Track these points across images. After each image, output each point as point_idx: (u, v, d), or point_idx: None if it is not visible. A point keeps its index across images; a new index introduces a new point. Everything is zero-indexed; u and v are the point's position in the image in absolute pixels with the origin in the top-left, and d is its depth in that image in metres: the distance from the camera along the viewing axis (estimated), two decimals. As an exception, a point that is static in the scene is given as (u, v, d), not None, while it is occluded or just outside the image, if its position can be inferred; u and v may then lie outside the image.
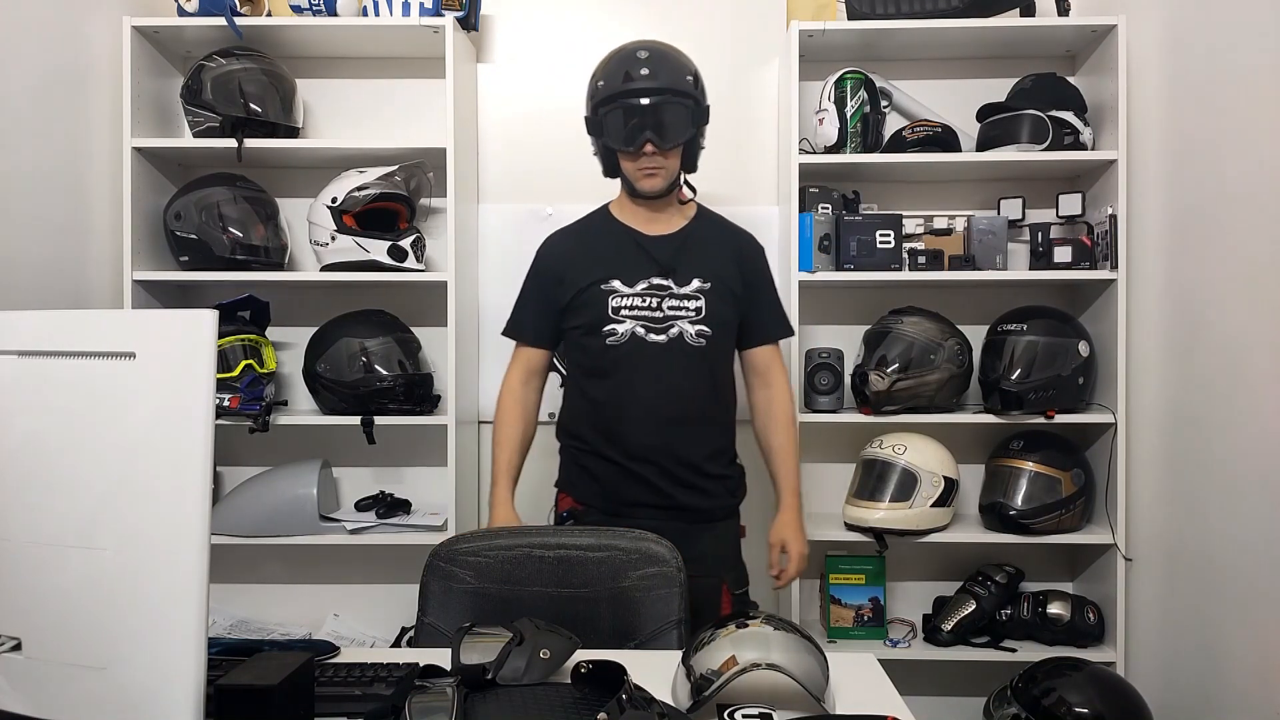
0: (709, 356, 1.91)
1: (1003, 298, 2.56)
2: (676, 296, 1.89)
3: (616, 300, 1.89)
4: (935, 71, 2.66)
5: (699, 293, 1.90)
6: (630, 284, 1.90)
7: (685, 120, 1.86)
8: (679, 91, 1.84)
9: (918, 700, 1.67)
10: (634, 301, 1.89)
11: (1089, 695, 2.05)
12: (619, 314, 1.89)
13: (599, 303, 1.89)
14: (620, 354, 1.88)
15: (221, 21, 2.41)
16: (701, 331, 1.89)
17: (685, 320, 1.89)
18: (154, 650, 1.00)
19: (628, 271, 1.90)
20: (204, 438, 0.99)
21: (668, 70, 1.84)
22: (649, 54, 1.85)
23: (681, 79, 1.85)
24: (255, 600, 2.69)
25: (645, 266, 1.91)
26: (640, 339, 1.88)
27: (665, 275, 1.90)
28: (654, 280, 1.90)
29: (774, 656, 1.18)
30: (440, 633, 1.55)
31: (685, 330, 1.89)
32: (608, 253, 1.93)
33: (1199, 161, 2.07)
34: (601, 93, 1.87)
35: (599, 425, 1.92)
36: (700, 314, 1.89)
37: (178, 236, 2.43)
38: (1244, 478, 1.90)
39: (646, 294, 1.89)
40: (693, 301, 1.89)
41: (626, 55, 1.86)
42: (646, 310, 1.89)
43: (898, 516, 2.37)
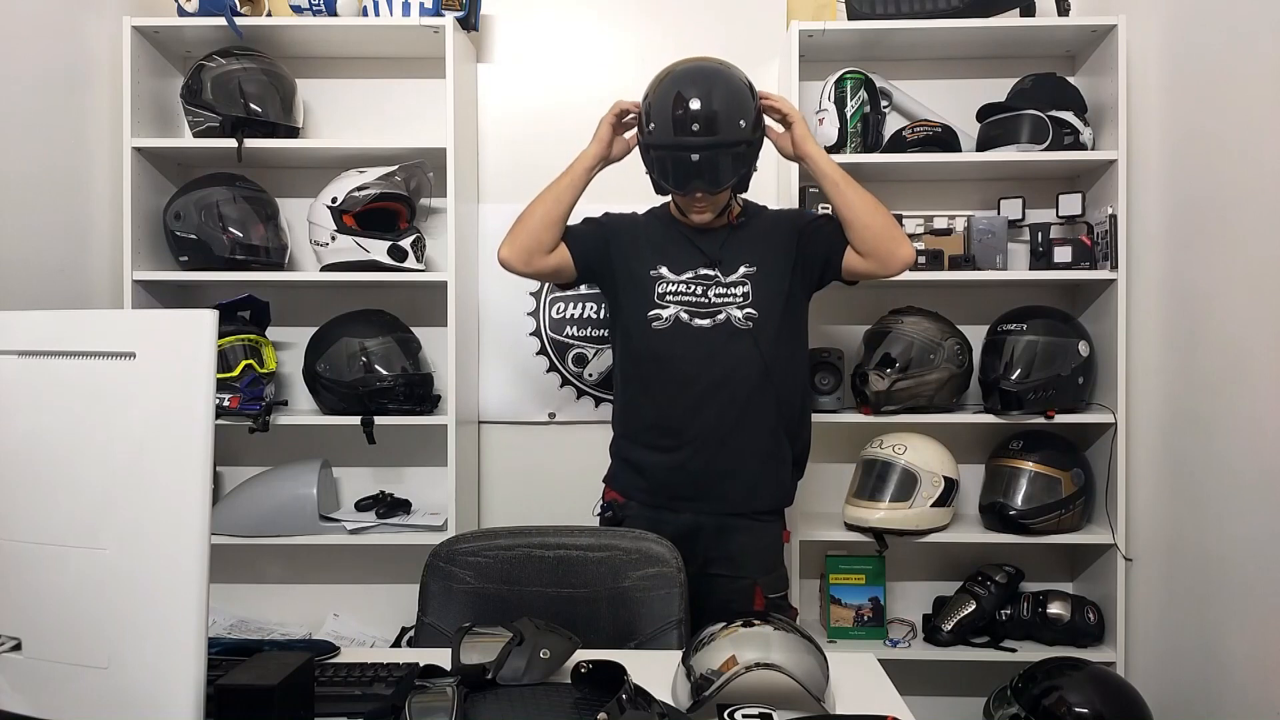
0: (757, 337, 1.89)
1: (1003, 298, 2.56)
2: (723, 284, 1.91)
3: (663, 286, 1.91)
4: (935, 71, 2.66)
5: (745, 278, 1.91)
6: (678, 271, 1.92)
7: (737, 165, 1.86)
8: (730, 143, 1.82)
9: (918, 700, 1.67)
10: (680, 288, 1.91)
11: (1089, 695, 2.05)
12: (664, 299, 1.91)
13: (645, 287, 1.92)
14: (665, 337, 1.90)
15: (221, 21, 2.41)
16: (749, 315, 1.89)
17: (732, 306, 1.89)
18: (154, 650, 1.00)
19: (675, 261, 1.93)
20: (204, 438, 0.99)
21: (722, 119, 1.82)
22: (702, 104, 1.80)
23: (735, 126, 1.82)
24: (255, 600, 2.69)
25: (693, 257, 1.93)
26: (685, 323, 1.89)
27: (712, 266, 1.92)
28: (701, 270, 1.92)
29: (774, 656, 1.19)
30: (440, 633, 1.55)
31: (733, 315, 1.89)
32: (658, 241, 1.97)
33: (1199, 161, 2.07)
34: (652, 137, 1.85)
35: (645, 412, 1.94)
36: (748, 299, 1.90)
37: (177, 236, 2.43)
38: (1244, 477, 1.90)
39: (693, 282, 1.92)
40: (739, 288, 1.91)
41: (679, 97, 1.81)
42: (692, 296, 1.91)
43: (898, 516, 2.37)
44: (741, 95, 1.86)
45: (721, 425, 1.88)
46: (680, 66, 1.89)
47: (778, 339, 1.91)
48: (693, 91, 1.82)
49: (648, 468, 1.92)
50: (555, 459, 2.71)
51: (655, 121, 1.85)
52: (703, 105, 1.81)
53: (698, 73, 1.86)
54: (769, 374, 1.89)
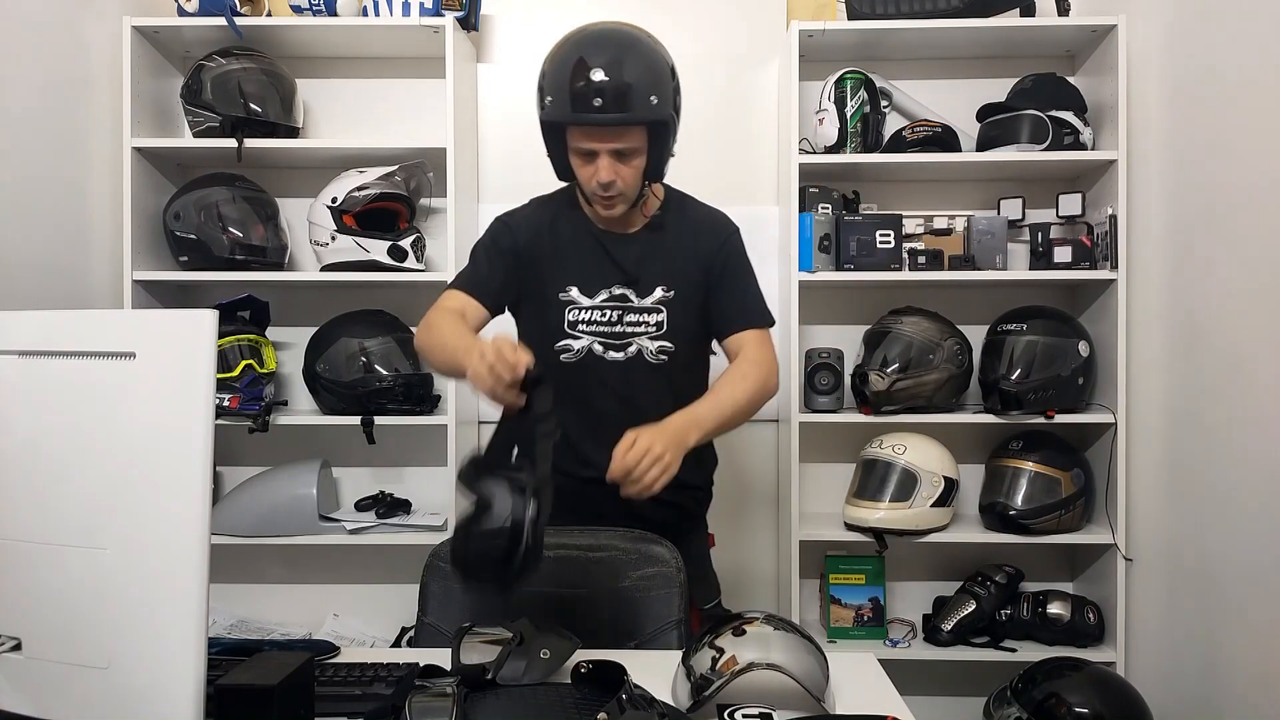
0: (670, 373, 1.74)
1: (1003, 298, 2.56)
2: (636, 310, 1.72)
3: (574, 313, 1.72)
4: (935, 71, 2.66)
5: (660, 304, 1.72)
6: (590, 294, 1.72)
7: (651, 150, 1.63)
8: (640, 121, 1.58)
9: (918, 700, 1.67)
10: (592, 315, 1.72)
11: (1089, 695, 2.05)
12: (575, 329, 1.72)
13: (554, 312, 1.72)
14: (576, 371, 1.72)
15: (221, 21, 2.41)
16: (663, 348, 1.73)
17: (645, 337, 1.72)
18: (154, 650, 1.00)
19: (588, 279, 1.72)
20: (204, 438, 0.99)
21: (632, 93, 1.55)
22: (608, 74, 1.54)
23: (646, 103, 1.57)
24: (255, 600, 2.69)
25: (608, 273, 1.72)
26: (597, 356, 1.72)
27: (628, 284, 1.72)
28: (615, 290, 1.72)
29: (774, 656, 1.19)
30: (440, 633, 1.55)
31: (645, 347, 1.72)
32: (570, 252, 1.74)
33: (1199, 161, 2.07)
34: (548, 113, 1.61)
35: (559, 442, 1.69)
36: (661, 329, 1.72)
37: (177, 236, 2.43)
38: (1244, 477, 1.90)
39: (606, 306, 1.72)
40: (653, 315, 1.72)
41: (578, 66, 1.56)
42: (605, 325, 1.72)
43: (898, 516, 2.37)
44: (656, 65, 1.60)
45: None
46: (584, 30, 1.62)
47: (688, 368, 1.77)
48: (597, 59, 1.55)
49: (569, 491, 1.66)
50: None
51: (552, 95, 1.58)
52: (609, 76, 1.54)
53: (603, 37, 1.60)
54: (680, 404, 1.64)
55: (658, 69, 1.60)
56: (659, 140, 1.63)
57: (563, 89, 1.57)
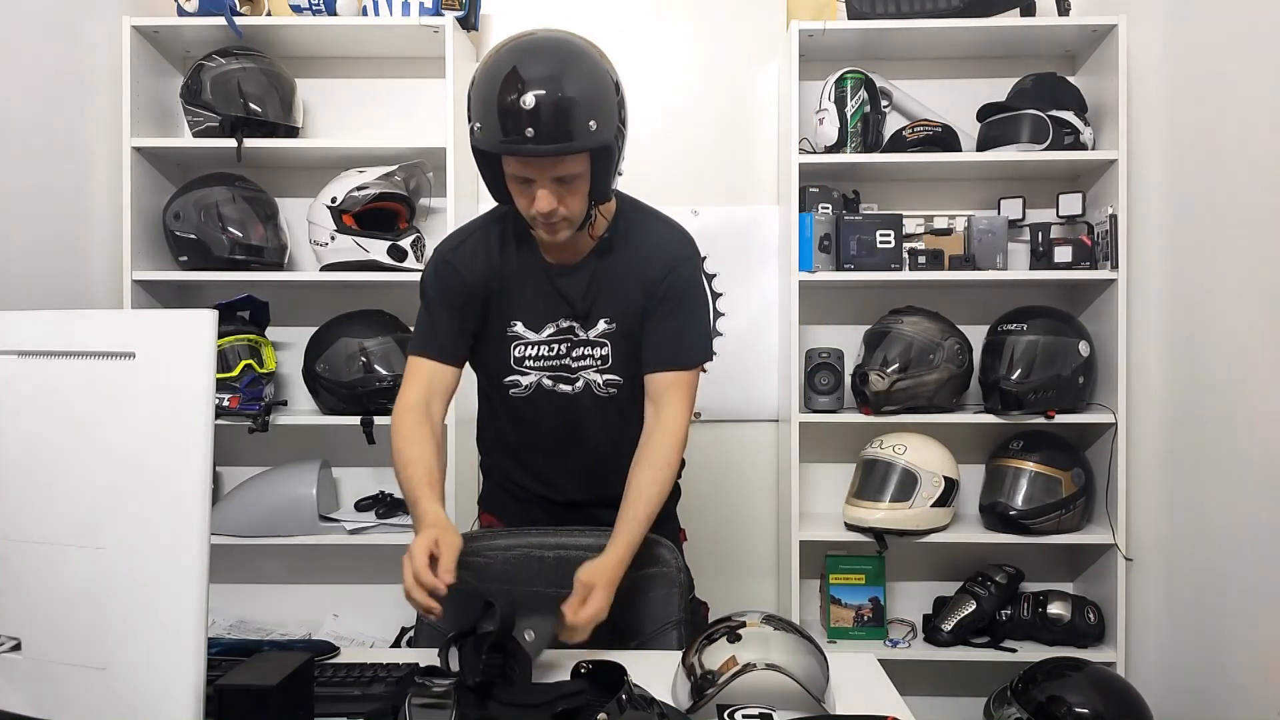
0: (620, 405, 1.66)
1: (1003, 298, 2.56)
2: (583, 344, 1.64)
3: (520, 349, 1.64)
4: (935, 71, 2.66)
5: (605, 337, 1.63)
6: (536, 328, 1.63)
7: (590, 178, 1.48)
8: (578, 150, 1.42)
9: (918, 700, 1.67)
10: (540, 351, 1.64)
11: (1089, 695, 2.04)
12: (523, 365, 1.64)
13: (501, 350, 1.64)
14: (526, 405, 1.66)
15: (221, 21, 2.41)
16: (610, 381, 1.65)
17: (593, 369, 1.64)
18: (154, 650, 1.00)
19: (534, 313, 1.63)
20: (204, 438, 0.99)
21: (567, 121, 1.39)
22: (537, 100, 1.37)
23: (583, 129, 1.40)
24: (255, 600, 2.69)
25: (554, 305, 1.63)
26: (547, 390, 1.65)
27: (573, 316, 1.63)
28: (561, 323, 1.63)
29: (774, 656, 1.19)
30: (440, 633, 1.54)
31: (593, 381, 1.64)
32: (515, 285, 1.64)
33: (1199, 161, 2.07)
34: (477, 139, 1.45)
35: (519, 464, 1.73)
36: (606, 362, 1.64)
37: (177, 236, 2.43)
38: (1244, 477, 1.90)
39: (553, 340, 1.64)
40: (599, 349, 1.64)
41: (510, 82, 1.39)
42: (553, 359, 1.64)
43: (898, 516, 2.37)
44: (595, 84, 1.44)
45: (600, 485, 1.67)
46: (517, 42, 1.46)
47: (637, 400, 1.65)
48: (529, 74, 1.38)
49: (531, 503, 1.75)
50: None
51: (480, 120, 1.42)
52: (541, 98, 1.37)
53: (537, 50, 1.44)
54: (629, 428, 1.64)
55: (597, 87, 1.44)
56: (601, 163, 1.47)
57: (490, 114, 1.40)
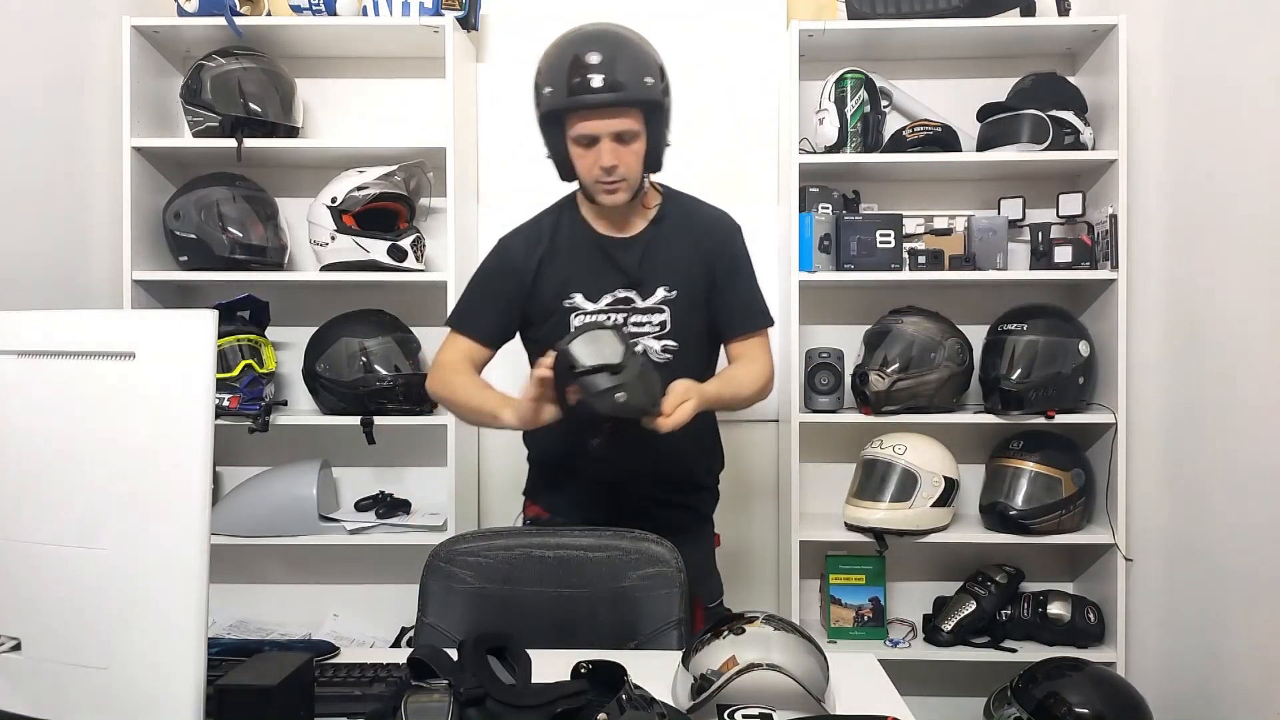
0: (676, 371, 1.71)
1: (1003, 297, 2.56)
2: (640, 311, 1.76)
3: (578, 319, 1.75)
4: (935, 71, 2.66)
5: (663, 304, 1.76)
6: (594, 298, 1.76)
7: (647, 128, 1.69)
8: (639, 101, 1.65)
9: (918, 700, 1.67)
10: (597, 319, 1.75)
11: (1089, 695, 2.05)
12: None
13: (559, 322, 1.75)
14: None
15: (221, 21, 2.41)
16: (667, 347, 1.76)
17: (649, 337, 1.76)
18: (154, 650, 1.00)
19: (592, 284, 1.76)
20: (204, 438, 0.99)
21: (624, 73, 1.63)
22: (601, 56, 1.63)
23: (640, 82, 1.64)
24: (255, 600, 2.69)
25: (611, 277, 1.77)
26: None
27: (630, 287, 1.76)
28: (619, 293, 1.76)
29: (774, 656, 1.18)
30: (440, 633, 1.55)
31: (650, 347, 1.75)
32: (572, 260, 1.78)
33: (1199, 161, 2.07)
34: (549, 102, 1.66)
35: (572, 445, 1.75)
36: (665, 328, 1.76)
37: (177, 236, 2.43)
38: (1244, 477, 1.90)
39: (610, 310, 1.76)
40: (656, 315, 1.76)
41: (575, 56, 1.64)
42: None
43: (898, 516, 2.37)
44: (645, 51, 1.69)
45: (648, 459, 1.73)
46: (577, 29, 1.72)
47: (694, 366, 1.77)
48: (590, 48, 1.64)
49: (580, 491, 1.82)
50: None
51: (550, 85, 1.65)
52: (603, 60, 1.63)
53: (593, 32, 1.69)
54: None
55: (648, 53, 1.69)
56: (655, 124, 1.70)
57: (560, 79, 1.64)
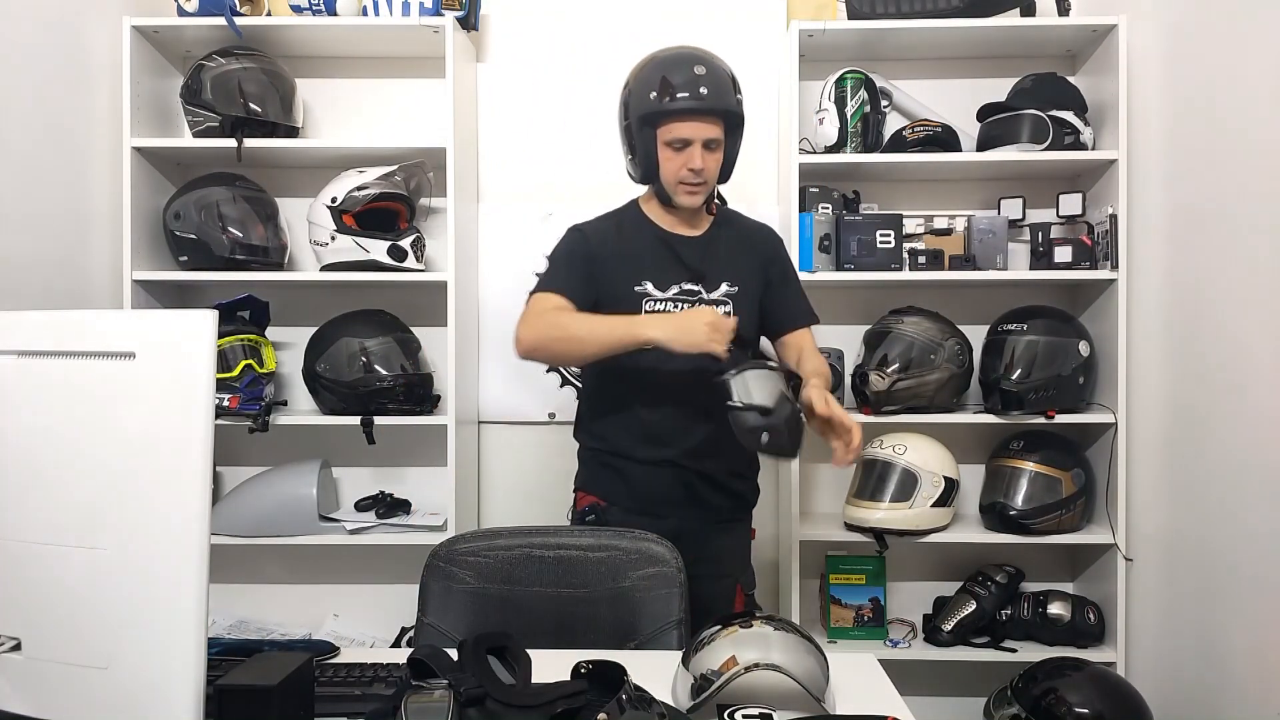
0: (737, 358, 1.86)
1: (1003, 298, 2.56)
2: (705, 302, 1.88)
3: (650, 305, 1.86)
4: (935, 71, 2.66)
5: (727, 297, 1.89)
6: (663, 289, 1.87)
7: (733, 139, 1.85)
8: (731, 112, 1.82)
9: (918, 700, 1.67)
10: (666, 306, 1.86)
11: (1089, 695, 2.05)
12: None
13: (632, 306, 1.86)
14: (653, 356, 1.80)
15: (221, 21, 2.41)
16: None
17: None
18: (154, 650, 1.00)
19: (660, 275, 1.88)
20: (204, 438, 0.99)
21: (723, 89, 1.80)
22: (705, 70, 1.79)
23: (733, 98, 1.82)
24: (255, 600, 2.69)
25: (676, 271, 1.88)
26: None
27: (695, 280, 1.88)
28: (685, 285, 1.88)
29: (774, 656, 1.18)
30: (440, 633, 1.55)
31: None
32: (641, 252, 1.90)
33: (1199, 161, 2.07)
34: (653, 105, 1.80)
35: (630, 427, 1.89)
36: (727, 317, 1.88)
37: (177, 236, 2.43)
38: (1244, 477, 1.90)
39: (678, 299, 1.87)
40: (721, 307, 1.88)
41: (681, 67, 1.80)
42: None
43: (898, 516, 2.37)
44: (731, 72, 1.85)
45: (708, 440, 1.87)
46: (670, 48, 1.87)
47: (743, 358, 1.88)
48: (693, 59, 1.81)
49: (635, 476, 1.90)
50: (555, 459, 2.70)
51: (656, 90, 1.79)
52: (707, 71, 1.79)
53: (690, 51, 1.85)
54: None
55: (734, 77, 1.85)
56: (734, 137, 1.86)
57: (667, 84, 1.79)
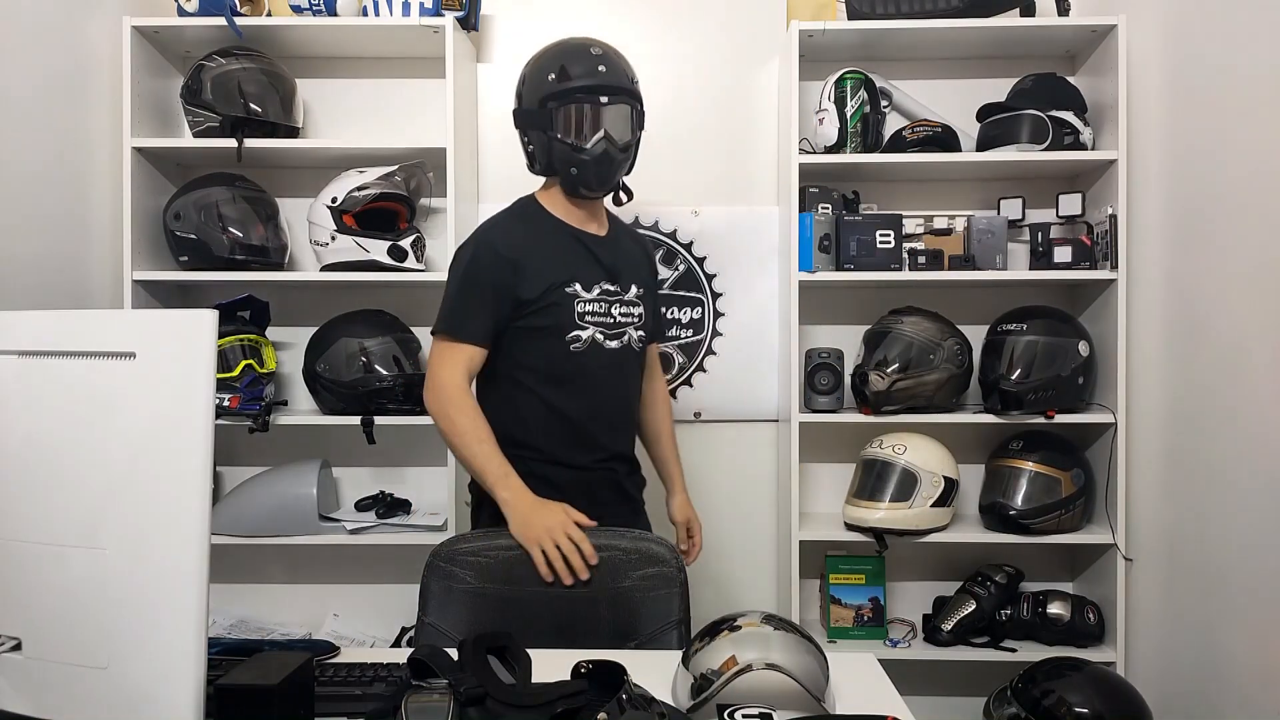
0: (640, 360, 1.98)
1: (1003, 298, 2.56)
2: (624, 303, 1.92)
3: (580, 305, 1.85)
4: (935, 71, 2.66)
5: (638, 299, 1.94)
6: (588, 288, 1.87)
7: (635, 124, 1.88)
8: (631, 93, 1.86)
9: (918, 700, 1.67)
10: (594, 307, 1.87)
11: (1089, 695, 2.05)
12: (583, 319, 1.85)
13: (565, 306, 1.83)
14: (583, 360, 1.85)
15: (221, 21, 2.41)
16: (641, 337, 1.95)
17: (631, 327, 1.92)
18: (154, 650, 1.00)
19: (584, 275, 1.87)
20: (204, 438, 0.99)
21: (621, 69, 1.86)
22: (603, 51, 1.85)
23: (630, 79, 1.87)
24: (255, 600, 2.69)
25: (595, 271, 1.89)
26: (599, 345, 1.87)
27: (613, 281, 1.91)
28: (604, 285, 1.89)
29: (774, 656, 1.18)
30: (440, 633, 1.55)
31: (632, 336, 1.92)
32: (562, 252, 1.87)
33: (1199, 161, 2.07)
34: (552, 86, 1.83)
35: (563, 432, 1.85)
36: (641, 319, 1.94)
37: (177, 236, 2.43)
38: (1244, 477, 1.90)
39: (601, 299, 1.88)
40: (635, 308, 1.93)
41: (579, 50, 1.85)
42: (602, 316, 1.88)
43: (898, 516, 2.37)
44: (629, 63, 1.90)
45: (627, 440, 1.97)
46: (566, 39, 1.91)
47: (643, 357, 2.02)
48: (589, 43, 1.87)
49: (565, 484, 1.82)
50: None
51: (554, 73, 1.83)
52: (605, 53, 1.85)
53: (587, 39, 1.90)
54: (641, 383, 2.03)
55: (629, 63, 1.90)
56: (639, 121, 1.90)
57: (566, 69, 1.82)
